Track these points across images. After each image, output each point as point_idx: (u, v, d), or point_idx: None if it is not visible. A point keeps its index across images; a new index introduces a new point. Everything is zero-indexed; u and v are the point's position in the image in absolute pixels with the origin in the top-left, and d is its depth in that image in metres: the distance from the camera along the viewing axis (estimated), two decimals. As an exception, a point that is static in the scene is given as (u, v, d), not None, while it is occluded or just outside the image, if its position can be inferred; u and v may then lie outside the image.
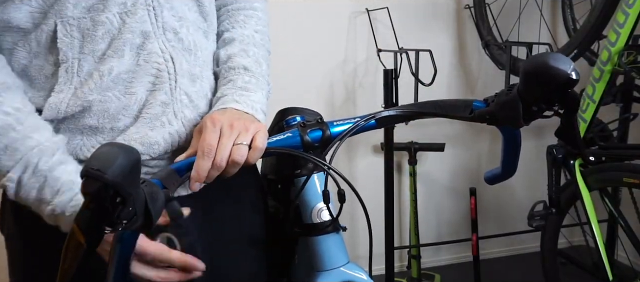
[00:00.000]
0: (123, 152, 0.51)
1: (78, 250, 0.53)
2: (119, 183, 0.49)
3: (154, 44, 0.75)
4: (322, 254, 0.74)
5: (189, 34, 0.80)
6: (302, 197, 0.76)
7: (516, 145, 0.79)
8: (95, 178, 0.49)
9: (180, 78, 0.78)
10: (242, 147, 0.70)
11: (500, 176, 0.84)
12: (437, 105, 0.75)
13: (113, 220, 0.52)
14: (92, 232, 0.52)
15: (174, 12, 0.78)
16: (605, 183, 1.69)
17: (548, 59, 0.65)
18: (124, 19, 0.73)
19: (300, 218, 0.77)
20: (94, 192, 0.50)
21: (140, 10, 0.74)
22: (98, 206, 0.51)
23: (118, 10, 0.73)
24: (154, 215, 0.55)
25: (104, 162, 0.49)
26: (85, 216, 0.52)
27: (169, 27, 0.77)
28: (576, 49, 1.77)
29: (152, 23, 0.75)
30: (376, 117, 0.76)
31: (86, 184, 0.50)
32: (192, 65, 0.80)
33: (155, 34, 0.76)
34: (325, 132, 0.74)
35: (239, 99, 0.79)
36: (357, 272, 0.75)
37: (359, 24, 2.28)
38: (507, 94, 0.70)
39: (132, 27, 0.73)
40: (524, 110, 0.68)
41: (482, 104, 0.74)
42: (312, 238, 0.75)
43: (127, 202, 0.51)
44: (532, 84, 0.66)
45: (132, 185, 0.52)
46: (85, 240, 0.52)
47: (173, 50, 0.77)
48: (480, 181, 2.54)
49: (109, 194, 0.50)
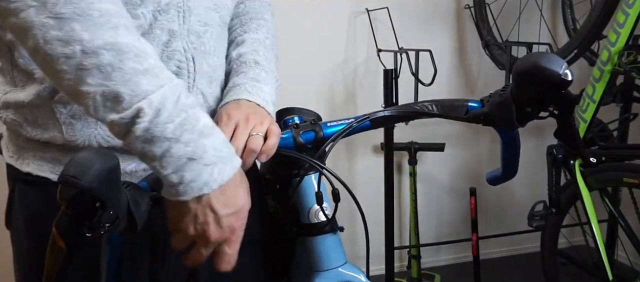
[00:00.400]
0: (99, 158, 0.52)
1: (59, 254, 0.55)
2: (95, 188, 0.50)
3: (178, 42, 0.78)
4: (319, 255, 0.74)
5: (211, 39, 0.82)
6: (300, 198, 0.76)
7: (514, 146, 0.78)
8: (71, 184, 0.50)
9: (198, 78, 0.80)
10: (258, 138, 0.72)
11: (501, 177, 0.84)
12: (433, 105, 0.75)
13: (93, 224, 0.53)
14: (71, 236, 0.54)
15: (200, 18, 0.80)
16: (605, 183, 1.69)
17: (539, 60, 0.63)
18: (157, 16, 0.75)
19: (298, 218, 0.77)
20: (70, 198, 0.51)
21: (172, 10, 0.77)
22: (76, 211, 0.52)
23: (153, 7, 0.75)
24: (137, 218, 0.56)
25: (80, 169, 0.50)
26: (64, 221, 0.53)
27: (193, 31, 0.79)
28: (576, 49, 1.77)
29: (180, 24, 0.78)
30: (370, 118, 0.76)
31: (62, 190, 0.51)
32: (211, 68, 0.83)
33: (181, 35, 0.78)
34: (318, 133, 0.74)
35: (252, 89, 0.81)
36: (354, 273, 0.75)
37: (359, 24, 2.28)
38: (500, 95, 0.69)
39: (162, 24, 0.76)
40: (518, 111, 0.67)
41: (478, 104, 0.73)
42: (310, 238, 0.75)
43: (107, 206, 0.52)
44: (524, 84, 0.65)
45: (111, 189, 0.52)
46: (65, 244, 0.54)
47: (195, 52, 0.80)
48: (480, 180, 2.54)
49: (86, 200, 0.51)
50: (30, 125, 0.77)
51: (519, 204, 2.46)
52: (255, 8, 0.96)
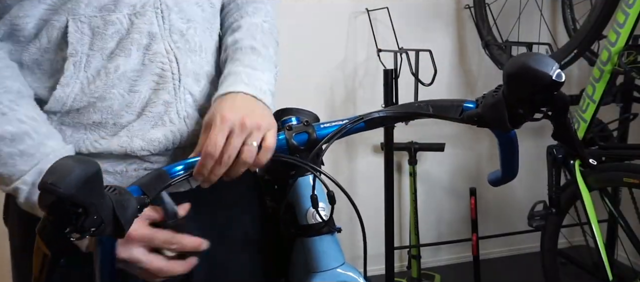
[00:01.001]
0: (79, 165, 0.52)
1: (44, 260, 0.56)
2: (73, 195, 0.51)
3: (159, 44, 0.77)
4: (317, 255, 0.74)
5: (195, 35, 0.81)
6: (297, 199, 0.76)
7: (512, 147, 0.76)
8: (49, 192, 0.50)
9: (184, 78, 0.79)
10: (252, 149, 0.71)
11: (501, 179, 0.83)
12: (428, 106, 0.74)
13: (77, 229, 0.53)
14: (54, 242, 0.55)
15: (182, 14, 0.79)
16: (605, 183, 1.69)
17: (528, 61, 0.61)
18: (133, 20, 0.75)
19: (296, 219, 0.77)
20: (49, 205, 0.51)
21: (148, 12, 0.76)
22: (57, 218, 0.53)
23: (128, 11, 0.75)
24: (123, 222, 0.57)
25: (58, 176, 0.51)
26: (46, 227, 0.54)
27: (175, 29, 0.78)
28: (576, 49, 1.77)
29: (160, 25, 0.77)
30: (364, 119, 0.75)
31: (41, 197, 0.51)
32: (197, 65, 0.81)
33: (162, 36, 0.77)
34: (311, 135, 0.74)
35: (248, 80, 0.79)
36: (352, 273, 0.75)
37: (359, 24, 2.28)
38: (493, 96, 0.68)
39: (140, 28, 0.75)
40: (510, 113, 0.66)
41: (473, 105, 0.72)
42: (307, 239, 0.75)
43: (89, 211, 0.53)
44: (515, 86, 0.64)
45: (92, 195, 0.53)
46: (49, 250, 0.55)
47: (178, 51, 0.79)
48: (480, 181, 2.55)
49: (66, 206, 0.52)
50: None
51: (519, 204, 2.46)
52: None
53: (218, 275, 0.88)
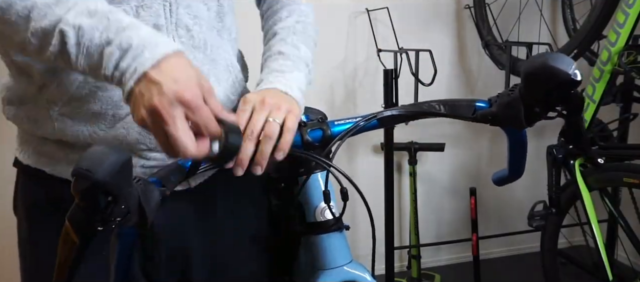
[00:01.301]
0: (113, 152, 0.52)
1: (72, 247, 0.55)
2: (108, 182, 0.51)
3: None
4: (325, 253, 0.74)
5: (201, 32, 0.81)
6: (306, 196, 0.76)
7: (522, 146, 0.78)
8: (84, 178, 0.51)
9: None
10: (275, 125, 0.70)
11: (508, 178, 0.83)
12: (440, 105, 0.75)
13: (105, 218, 0.53)
14: (84, 230, 0.54)
15: (189, 10, 0.79)
16: (605, 183, 1.69)
17: (548, 59, 0.63)
18: (139, 12, 0.75)
19: (304, 217, 0.77)
20: (83, 191, 0.51)
21: (155, 4, 0.76)
22: (89, 205, 0.52)
23: (135, 3, 0.75)
24: (147, 213, 0.57)
25: (93, 162, 0.51)
26: (77, 214, 0.54)
27: (181, 24, 0.78)
28: (576, 49, 1.77)
29: (166, 18, 0.77)
30: (378, 117, 0.76)
31: (76, 183, 0.51)
32: (200, 62, 0.81)
33: (167, 29, 0.77)
34: (325, 131, 0.74)
35: (274, 80, 0.80)
36: (360, 271, 0.75)
37: (359, 24, 2.28)
38: (508, 95, 0.69)
39: (146, 20, 0.75)
40: (526, 111, 0.68)
41: (485, 104, 0.73)
42: (316, 237, 0.74)
43: (119, 200, 0.53)
44: (533, 84, 0.66)
45: (123, 184, 0.53)
46: (78, 237, 0.55)
47: (181, 46, 0.78)
48: (480, 180, 2.56)
49: (99, 193, 0.52)
50: (29, 121, 0.80)
51: (519, 204, 2.46)
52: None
53: (222, 273, 0.89)
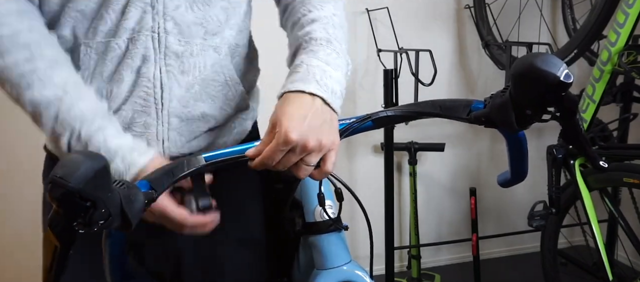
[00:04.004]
0: (87, 159, 0.54)
1: (54, 251, 0.59)
2: (82, 189, 0.53)
3: (150, 68, 0.79)
4: (324, 253, 0.74)
5: (191, 56, 0.81)
6: (305, 197, 0.76)
7: (520, 148, 0.75)
8: (59, 185, 0.53)
9: (167, 103, 0.80)
10: (308, 170, 0.68)
11: (511, 180, 0.81)
12: (436, 105, 0.73)
13: (86, 222, 0.55)
14: (63, 234, 0.57)
15: (181, 37, 0.80)
16: (605, 183, 1.69)
17: (536, 61, 0.61)
18: (129, 45, 0.77)
19: (302, 217, 0.77)
20: (59, 198, 0.54)
21: (143, 36, 0.77)
22: (66, 210, 0.54)
23: (127, 36, 0.77)
24: (130, 216, 0.59)
25: (67, 170, 0.53)
26: (56, 219, 0.56)
27: (170, 52, 0.79)
28: (576, 49, 1.77)
29: (155, 48, 0.78)
30: (373, 118, 0.75)
31: (52, 190, 0.54)
32: (188, 85, 0.82)
33: (156, 59, 0.79)
34: None
35: (320, 77, 0.73)
36: (358, 271, 0.75)
37: (359, 24, 2.28)
38: (500, 97, 0.67)
39: (133, 52, 0.77)
40: (518, 113, 0.65)
41: (481, 105, 0.72)
42: (314, 237, 0.74)
43: (98, 205, 0.55)
44: (522, 87, 0.63)
45: (100, 189, 0.55)
46: (59, 241, 0.58)
47: (167, 76, 0.80)
48: (480, 181, 2.56)
49: (75, 199, 0.53)
50: None
51: (519, 204, 2.46)
52: None
53: (219, 273, 0.89)
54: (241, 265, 0.91)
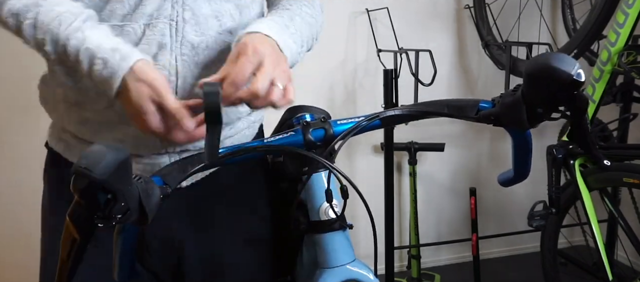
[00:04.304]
0: (111, 151, 0.53)
1: (73, 244, 0.57)
2: (106, 180, 0.52)
3: (165, 56, 0.78)
4: (328, 251, 0.74)
5: (206, 49, 0.81)
6: (310, 195, 0.76)
7: (526, 147, 0.76)
8: (83, 176, 0.52)
9: (181, 92, 0.80)
10: (279, 91, 0.71)
11: (513, 179, 0.82)
12: (443, 105, 0.74)
13: (105, 215, 0.54)
14: (84, 226, 0.56)
15: (197, 27, 0.79)
16: (605, 183, 1.70)
17: (550, 60, 0.62)
18: (146, 30, 0.77)
19: (307, 216, 0.77)
20: (82, 189, 0.53)
21: (161, 23, 0.77)
22: (88, 202, 0.54)
23: (144, 21, 0.76)
24: (147, 210, 0.58)
25: (92, 161, 0.52)
26: (77, 211, 0.55)
27: (186, 42, 0.79)
28: (576, 49, 1.77)
29: (172, 36, 0.78)
30: (381, 117, 0.75)
31: (75, 181, 0.53)
32: (202, 78, 0.80)
33: (172, 47, 0.78)
34: (328, 131, 0.74)
35: (279, 32, 0.78)
36: (362, 270, 0.75)
37: (359, 24, 2.28)
38: (511, 95, 0.68)
39: (150, 38, 0.77)
40: (529, 112, 0.67)
41: (489, 105, 0.72)
42: (319, 235, 0.74)
43: (118, 198, 0.54)
44: (535, 85, 0.64)
45: (122, 182, 0.54)
46: (78, 234, 0.56)
47: (182, 65, 0.79)
48: (480, 180, 2.56)
49: (98, 191, 0.53)
50: (45, 103, 0.87)
51: (519, 204, 2.46)
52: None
53: (223, 271, 0.89)
54: (245, 264, 0.91)
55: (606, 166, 1.35)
